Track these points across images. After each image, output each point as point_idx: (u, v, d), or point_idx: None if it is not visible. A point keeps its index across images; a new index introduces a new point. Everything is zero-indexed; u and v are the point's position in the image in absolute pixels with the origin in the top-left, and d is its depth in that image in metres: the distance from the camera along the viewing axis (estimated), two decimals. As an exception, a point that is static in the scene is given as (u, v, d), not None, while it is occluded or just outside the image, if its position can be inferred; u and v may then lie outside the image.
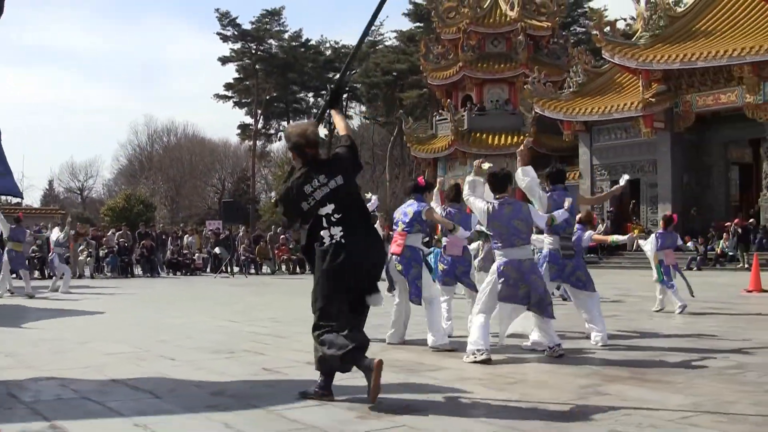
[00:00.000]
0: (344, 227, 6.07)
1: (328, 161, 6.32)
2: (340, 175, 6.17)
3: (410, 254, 9.12)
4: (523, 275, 8.01)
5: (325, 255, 6.08)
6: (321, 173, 6.13)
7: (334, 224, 6.08)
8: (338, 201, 6.10)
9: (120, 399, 6.29)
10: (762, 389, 6.42)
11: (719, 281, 22.72)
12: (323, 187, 6.09)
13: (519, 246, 8.09)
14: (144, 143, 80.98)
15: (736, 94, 32.72)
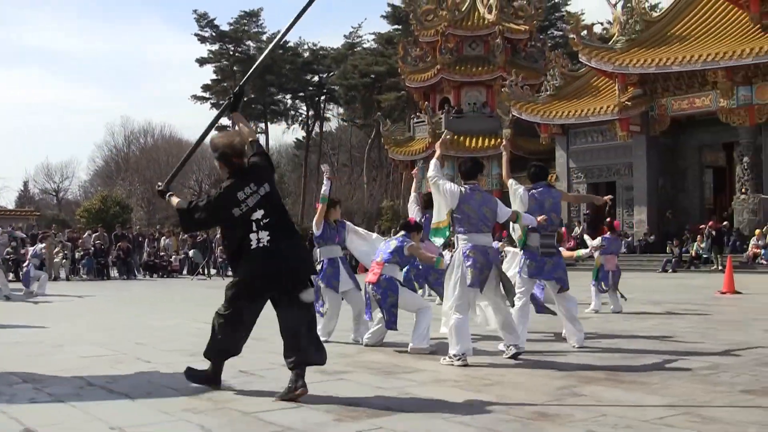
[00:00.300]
0: (271, 231, 6.41)
1: (252, 170, 6.57)
2: (267, 182, 6.54)
3: (387, 284, 9.22)
4: (488, 260, 8.08)
5: (253, 258, 6.41)
6: (250, 181, 6.45)
7: (262, 228, 6.41)
8: (267, 207, 6.45)
9: (96, 402, 6.27)
10: (736, 390, 6.48)
11: (694, 283, 22.87)
12: (254, 194, 6.42)
13: (484, 233, 8.18)
14: (120, 144, 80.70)
15: (710, 99, 32.97)
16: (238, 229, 6.47)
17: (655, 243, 34.26)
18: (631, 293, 18.71)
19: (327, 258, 10.04)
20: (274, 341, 10.00)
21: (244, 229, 6.44)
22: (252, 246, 6.40)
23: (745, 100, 31.69)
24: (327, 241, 10.08)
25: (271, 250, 6.38)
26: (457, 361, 7.84)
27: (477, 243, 8.09)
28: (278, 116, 77.52)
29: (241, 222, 6.43)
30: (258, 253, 6.39)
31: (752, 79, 31.56)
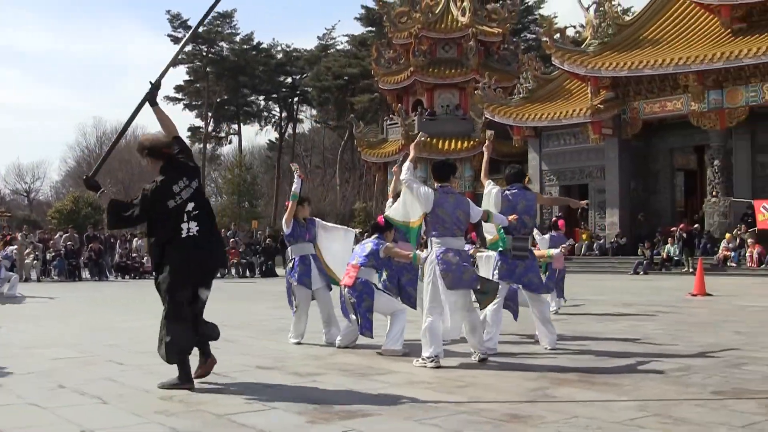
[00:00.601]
0: (198, 223, 6.90)
1: (183, 164, 7.01)
2: (196, 178, 7.05)
3: (362, 287, 9.15)
4: (462, 261, 8.11)
5: (184, 246, 6.83)
6: (183, 175, 6.91)
7: (192, 219, 6.88)
8: (197, 200, 6.93)
9: (67, 405, 6.24)
10: (706, 391, 6.53)
11: (665, 285, 23.00)
12: (188, 188, 6.90)
13: (458, 236, 8.20)
14: (92, 145, 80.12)
15: (681, 102, 33.18)
16: (172, 220, 6.85)
17: (626, 245, 34.44)
18: (602, 295, 18.85)
19: (298, 256, 10.04)
20: (246, 343, 10.04)
21: (177, 220, 6.85)
22: (183, 235, 6.84)
23: (716, 103, 31.91)
24: (297, 238, 10.09)
25: (199, 239, 6.87)
26: (430, 363, 7.86)
27: (451, 246, 8.11)
28: (251, 117, 77.33)
29: (175, 213, 6.84)
30: (189, 242, 6.84)
31: (723, 83, 31.78)
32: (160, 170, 6.95)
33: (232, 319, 13.63)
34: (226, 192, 70.93)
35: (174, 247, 6.86)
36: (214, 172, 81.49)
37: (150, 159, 7.06)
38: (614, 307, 15.35)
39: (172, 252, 6.87)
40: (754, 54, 29.68)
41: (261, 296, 20.59)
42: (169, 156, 6.99)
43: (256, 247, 35.60)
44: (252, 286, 26.41)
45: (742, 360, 8.24)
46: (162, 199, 6.81)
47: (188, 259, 6.84)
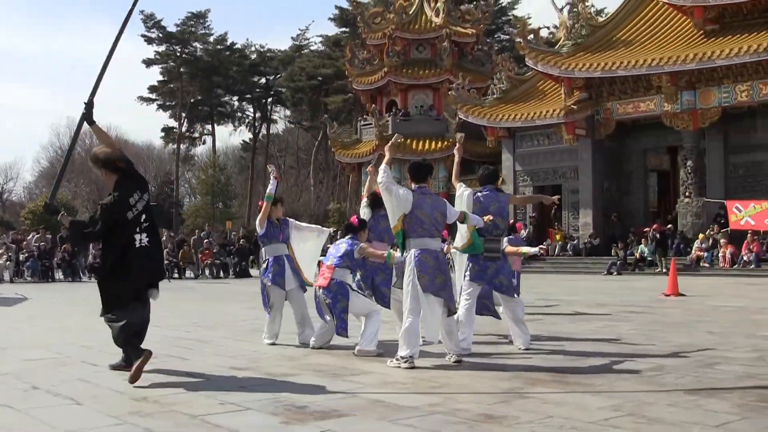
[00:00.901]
0: (148, 233, 7.50)
1: (135, 178, 7.62)
2: (147, 192, 7.60)
3: (337, 288, 9.14)
4: (439, 265, 8.11)
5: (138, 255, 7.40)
6: (136, 188, 7.45)
7: (143, 231, 7.47)
8: (148, 212, 7.53)
9: (41, 406, 6.19)
10: (680, 391, 6.56)
11: (638, 285, 23.12)
12: (141, 200, 7.44)
13: (435, 237, 8.19)
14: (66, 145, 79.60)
15: (654, 103, 33.37)
16: (127, 231, 7.40)
17: (600, 246, 34.59)
18: (576, 295, 18.93)
19: (272, 256, 10.05)
20: (220, 343, 10.00)
21: (131, 231, 7.41)
22: (136, 245, 7.41)
23: (689, 104, 32.10)
24: (271, 239, 10.10)
25: (150, 249, 7.52)
26: (404, 363, 7.86)
27: (428, 247, 8.11)
28: (225, 118, 77.20)
29: (132, 224, 7.39)
30: (141, 251, 7.42)
31: (696, 84, 31.98)
32: (115, 183, 7.44)
33: (206, 320, 13.59)
34: (200, 192, 70.78)
35: (128, 257, 7.39)
36: (188, 173, 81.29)
37: (104, 171, 7.55)
38: (588, 308, 15.41)
39: (126, 261, 7.40)
40: (726, 55, 29.89)
41: (235, 297, 20.52)
42: (122, 169, 7.49)
43: (230, 247, 35.49)
44: (226, 286, 26.33)
45: (715, 360, 8.28)
46: (120, 212, 7.33)
47: (141, 268, 7.43)
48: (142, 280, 7.53)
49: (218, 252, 34.63)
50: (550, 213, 37.82)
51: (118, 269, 7.45)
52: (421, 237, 8.12)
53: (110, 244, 7.49)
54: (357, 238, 9.36)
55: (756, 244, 28.87)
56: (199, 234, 36.79)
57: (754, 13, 32.17)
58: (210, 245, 34.47)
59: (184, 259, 33.87)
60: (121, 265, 7.43)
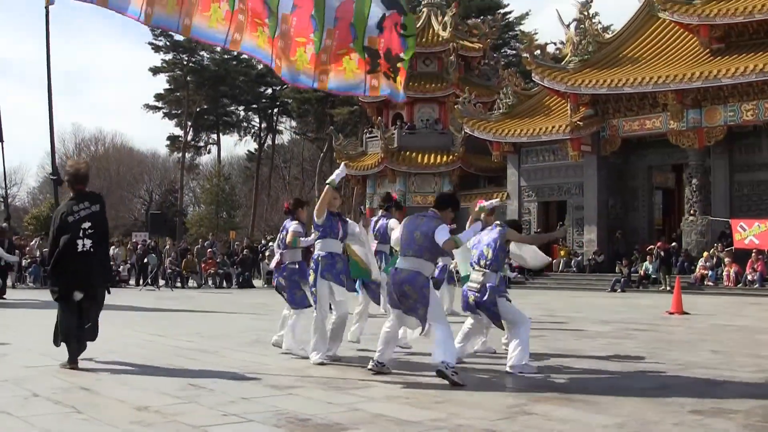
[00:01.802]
0: (93, 240, 8.61)
1: (91, 194, 9.00)
2: (98, 204, 8.84)
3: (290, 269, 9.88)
4: (399, 284, 8.06)
5: (78, 258, 8.52)
6: (85, 200, 8.73)
7: (87, 237, 8.58)
8: (94, 221, 8.65)
9: (41, 414, 6.18)
10: (684, 409, 6.52)
11: (642, 303, 23.06)
12: (86, 209, 8.65)
13: (408, 256, 8.13)
14: (71, 152, 79.74)
15: (660, 120, 33.36)
16: (69, 234, 8.51)
17: (604, 263, 34.50)
18: (580, 312, 18.90)
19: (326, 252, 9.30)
20: (224, 354, 9.98)
21: (73, 235, 8.51)
22: (78, 249, 8.52)
23: (695, 122, 32.09)
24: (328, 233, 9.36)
25: (92, 254, 8.59)
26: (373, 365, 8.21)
27: (399, 266, 8.19)
28: (230, 128, 77.20)
29: (73, 228, 8.53)
30: (82, 255, 8.53)
31: (701, 102, 31.98)
32: (72, 195, 8.81)
33: (209, 330, 13.58)
34: (204, 202, 70.79)
35: (70, 259, 8.54)
36: (193, 182, 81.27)
37: (68, 184, 8.93)
38: (592, 325, 15.36)
39: (68, 263, 8.55)
40: (732, 74, 29.90)
41: (238, 307, 20.50)
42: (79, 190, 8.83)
43: (234, 258, 35.48)
44: (229, 296, 26.31)
45: (719, 379, 8.25)
46: (64, 216, 8.59)
47: (81, 268, 8.53)
48: (79, 281, 8.59)
49: (221, 262, 34.63)
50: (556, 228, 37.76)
51: (59, 266, 8.62)
52: (401, 255, 8.28)
53: (55, 244, 8.63)
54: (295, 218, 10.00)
55: (760, 263, 28.81)
56: (202, 243, 36.79)
57: (760, 32, 32.18)
58: (213, 255, 34.47)
59: (187, 269, 33.88)
60: (63, 263, 8.56)
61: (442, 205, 8.34)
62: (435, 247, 8.06)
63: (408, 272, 8.05)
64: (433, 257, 8.23)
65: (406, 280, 8.01)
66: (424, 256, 8.08)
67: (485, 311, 8.91)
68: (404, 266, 8.12)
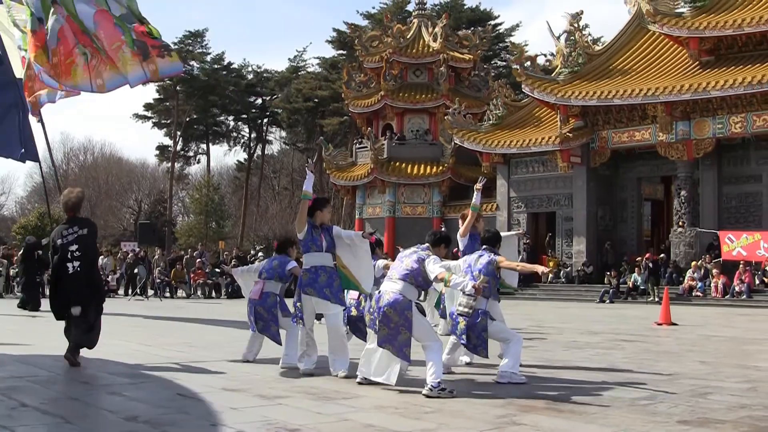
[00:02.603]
0: (81, 262, 9.50)
1: (81, 219, 9.90)
2: (86, 228, 9.72)
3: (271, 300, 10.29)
4: (380, 307, 8.12)
5: (70, 279, 9.46)
6: (75, 225, 9.67)
7: (75, 259, 9.48)
8: (80, 244, 9.54)
9: (30, 424, 6.17)
10: (673, 420, 6.56)
11: (631, 314, 23.11)
12: (74, 234, 9.56)
13: (394, 279, 8.21)
14: (60, 161, 79.60)
15: (649, 132, 33.47)
16: (59, 256, 9.49)
17: (593, 274, 34.55)
18: (569, 323, 18.92)
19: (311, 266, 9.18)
20: (213, 364, 9.97)
21: (62, 257, 9.47)
22: (69, 271, 9.47)
23: (684, 134, 32.20)
24: (309, 246, 9.21)
25: (80, 275, 9.48)
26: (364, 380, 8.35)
27: (383, 288, 8.27)
28: (220, 137, 77.15)
29: (61, 250, 9.48)
30: (72, 276, 9.47)
31: (690, 115, 32.10)
32: (65, 220, 9.81)
33: (197, 340, 13.57)
34: (193, 212, 70.70)
35: (65, 280, 9.51)
36: (182, 192, 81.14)
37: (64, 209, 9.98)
38: (581, 335, 15.40)
39: (62, 283, 9.54)
40: (721, 86, 30.03)
41: (227, 317, 20.47)
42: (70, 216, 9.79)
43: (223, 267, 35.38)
44: (218, 307, 26.28)
45: (707, 390, 8.28)
46: (54, 239, 9.65)
47: (73, 287, 9.48)
48: (70, 299, 9.53)
49: (211, 272, 34.57)
50: (545, 240, 37.84)
51: (55, 287, 9.70)
52: (387, 279, 8.42)
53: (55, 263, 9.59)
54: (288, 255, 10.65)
55: (748, 274, 28.91)
56: (191, 253, 36.72)
57: (749, 45, 32.36)
58: (203, 265, 34.41)
59: (176, 279, 33.80)
60: (56, 284, 9.66)
61: (436, 242, 8.52)
62: (421, 274, 8.17)
63: (391, 294, 8.11)
64: (418, 283, 8.26)
65: (388, 303, 8.06)
66: (408, 280, 8.16)
67: (475, 337, 8.91)
68: (387, 288, 8.20)
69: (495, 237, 9.68)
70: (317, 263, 9.13)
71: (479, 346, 8.97)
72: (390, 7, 64.72)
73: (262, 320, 10.17)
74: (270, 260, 10.63)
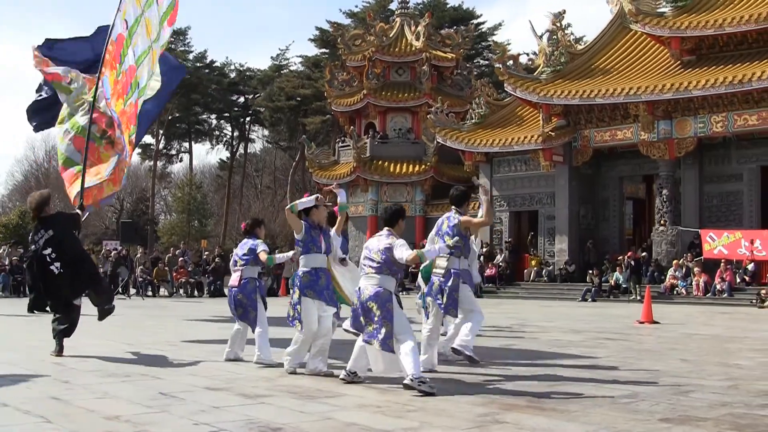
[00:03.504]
0: (61, 263, 10.18)
1: (47, 219, 10.39)
2: (51, 228, 10.27)
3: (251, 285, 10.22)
4: (364, 302, 8.16)
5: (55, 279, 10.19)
6: (42, 228, 10.28)
7: (55, 261, 10.16)
8: (52, 245, 10.17)
9: (10, 424, 6.13)
10: (654, 418, 6.57)
11: (613, 312, 23.17)
12: (42, 237, 10.20)
13: (370, 274, 8.22)
14: (41, 159, 79.26)
15: (631, 131, 33.56)
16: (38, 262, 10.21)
17: (575, 272, 34.63)
18: (551, 322, 18.95)
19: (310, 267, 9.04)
20: (196, 364, 9.93)
21: (41, 262, 10.18)
22: (55, 273, 10.17)
23: (665, 134, 32.31)
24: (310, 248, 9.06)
25: (64, 274, 10.19)
26: (345, 376, 8.33)
27: (362, 284, 8.32)
28: (202, 136, 76.94)
29: (39, 257, 10.18)
30: (58, 277, 10.20)
31: (672, 114, 32.20)
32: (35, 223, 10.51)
33: (180, 339, 13.52)
34: (175, 210, 70.50)
35: (50, 280, 10.24)
36: (164, 190, 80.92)
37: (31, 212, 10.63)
38: (563, 334, 15.43)
39: (49, 283, 10.27)
40: (702, 86, 30.15)
41: (209, 316, 20.42)
42: (34, 216, 10.51)
43: (206, 266, 35.34)
44: (200, 305, 26.22)
45: (689, 387, 8.30)
46: (30, 244, 10.52)
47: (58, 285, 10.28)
48: (59, 296, 10.43)
49: (193, 270, 34.48)
50: (527, 239, 37.92)
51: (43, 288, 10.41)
52: (363, 275, 8.38)
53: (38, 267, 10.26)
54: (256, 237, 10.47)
55: (729, 273, 29.05)
56: (174, 252, 36.61)
57: (730, 45, 32.51)
58: (185, 263, 34.32)
59: (158, 277, 33.71)
60: (45, 285, 10.35)
61: (392, 220, 8.48)
62: (394, 263, 8.21)
63: (372, 290, 8.15)
64: (394, 272, 8.30)
65: (370, 298, 8.12)
66: (384, 272, 8.20)
67: (447, 297, 9.24)
68: (366, 284, 8.23)
69: (459, 197, 9.83)
70: (318, 265, 9.01)
71: (450, 306, 9.30)
72: (373, 5, 64.71)
73: (241, 306, 10.22)
74: (242, 246, 10.54)
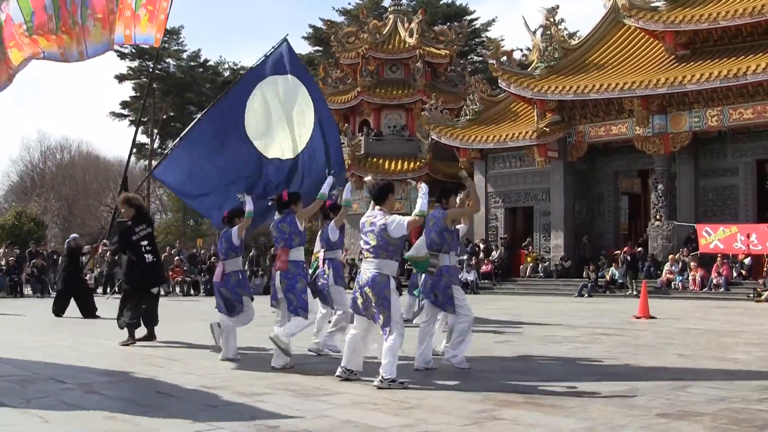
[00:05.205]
0: (152, 254, 12.04)
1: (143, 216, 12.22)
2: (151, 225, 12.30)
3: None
4: (361, 287, 8.15)
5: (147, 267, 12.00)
6: (143, 223, 12.04)
7: (148, 252, 11.93)
8: (149, 239, 12.05)
9: (7, 424, 6.12)
10: (652, 413, 6.57)
11: (609, 308, 23.18)
12: (144, 230, 11.94)
13: (369, 258, 8.19)
14: (36, 160, 79.09)
15: (626, 126, 33.56)
16: (137, 250, 11.86)
17: (571, 268, 34.64)
18: (548, 317, 18.95)
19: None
20: (192, 362, 9.93)
21: (140, 251, 11.84)
22: (147, 261, 11.93)
23: (660, 128, 32.33)
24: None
25: (155, 264, 12.19)
26: (341, 373, 8.23)
27: (362, 268, 8.31)
28: (197, 135, 76.77)
29: (137, 245, 11.84)
30: (150, 265, 12.03)
31: (667, 108, 32.22)
32: (133, 217, 12.02)
33: (176, 337, 13.48)
34: (171, 209, 70.42)
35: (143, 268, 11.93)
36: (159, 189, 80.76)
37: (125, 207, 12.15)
38: (559, 329, 15.43)
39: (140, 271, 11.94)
40: (697, 80, 30.15)
41: (205, 315, 20.36)
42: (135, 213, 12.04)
43: (201, 265, 35.31)
44: (196, 304, 26.19)
45: (686, 382, 8.30)
46: (128, 235, 11.90)
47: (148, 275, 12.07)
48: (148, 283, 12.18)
49: (189, 269, 34.45)
50: (522, 235, 37.92)
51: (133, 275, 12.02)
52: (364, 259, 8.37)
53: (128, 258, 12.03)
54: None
55: (725, 267, 29.09)
56: (170, 251, 36.57)
57: (725, 39, 32.52)
58: (181, 262, 34.29)
59: (154, 276, 33.64)
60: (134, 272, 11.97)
61: (382, 196, 8.43)
62: (390, 243, 8.14)
63: (369, 274, 8.15)
64: (391, 254, 8.22)
65: (367, 283, 8.11)
66: (381, 255, 8.14)
67: (441, 294, 9.15)
68: (365, 268, 8.23)
69: (444, 191, 9.94)
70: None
71: (446, 303, 9.20)
72: (366, 3, 64.70)
73: (226, 302, 10.22)
74: (220, 238, 10.64)
